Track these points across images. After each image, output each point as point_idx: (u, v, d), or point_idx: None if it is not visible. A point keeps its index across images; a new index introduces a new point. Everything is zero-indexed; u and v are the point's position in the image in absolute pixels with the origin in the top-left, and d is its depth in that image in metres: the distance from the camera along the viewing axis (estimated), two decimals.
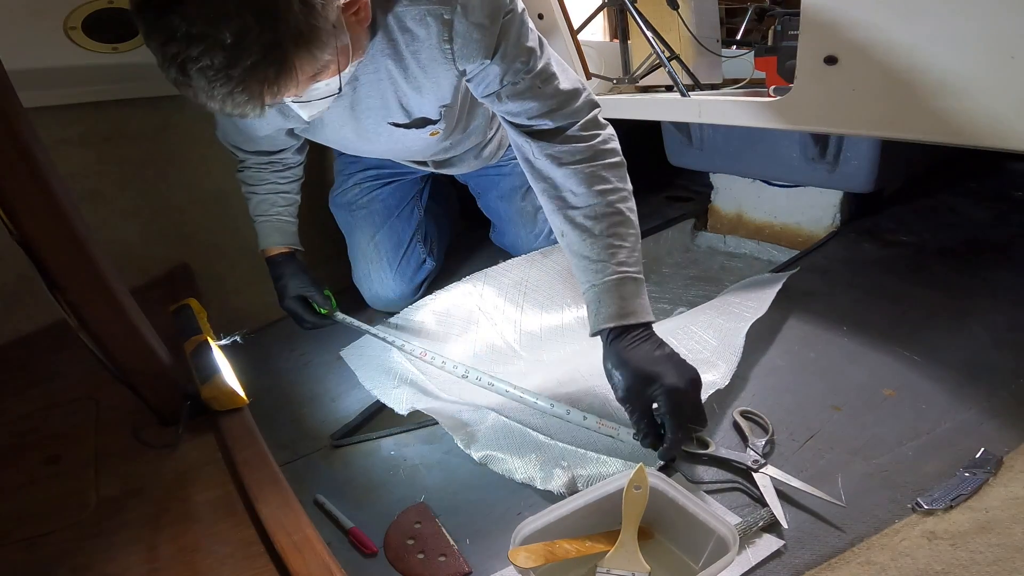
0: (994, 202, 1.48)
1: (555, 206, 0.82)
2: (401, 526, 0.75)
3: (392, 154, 1.20)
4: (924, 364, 0.93)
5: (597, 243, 0.78)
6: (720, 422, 0.86)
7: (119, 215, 1.27)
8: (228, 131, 1.08)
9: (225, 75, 0.58)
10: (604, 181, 0.80)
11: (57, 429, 0.86)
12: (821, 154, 1.29)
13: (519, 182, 1.34)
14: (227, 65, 0.58)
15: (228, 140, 1.10)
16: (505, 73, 0.82)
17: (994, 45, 0.76)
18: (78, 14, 1.10)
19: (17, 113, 0.64)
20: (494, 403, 0.93)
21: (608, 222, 0.79)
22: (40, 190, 0.66)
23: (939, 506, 0.67)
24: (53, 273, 0.69)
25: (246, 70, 0.59)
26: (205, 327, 1.01)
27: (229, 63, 0.58)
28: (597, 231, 0.78)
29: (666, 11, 1.45)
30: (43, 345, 1.10)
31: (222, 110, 0.62)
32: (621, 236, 0.79)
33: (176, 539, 0.65)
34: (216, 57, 0.57)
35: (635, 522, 0.65)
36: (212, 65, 0.57)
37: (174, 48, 0.57)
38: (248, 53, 0.58)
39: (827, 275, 1.24)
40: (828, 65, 0.92)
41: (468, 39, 0.79)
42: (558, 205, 0.81)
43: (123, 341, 0.76)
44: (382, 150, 1.14)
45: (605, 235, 0.78)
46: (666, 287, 1.43)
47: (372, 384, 1.01)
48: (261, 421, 0.85)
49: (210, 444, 0.80)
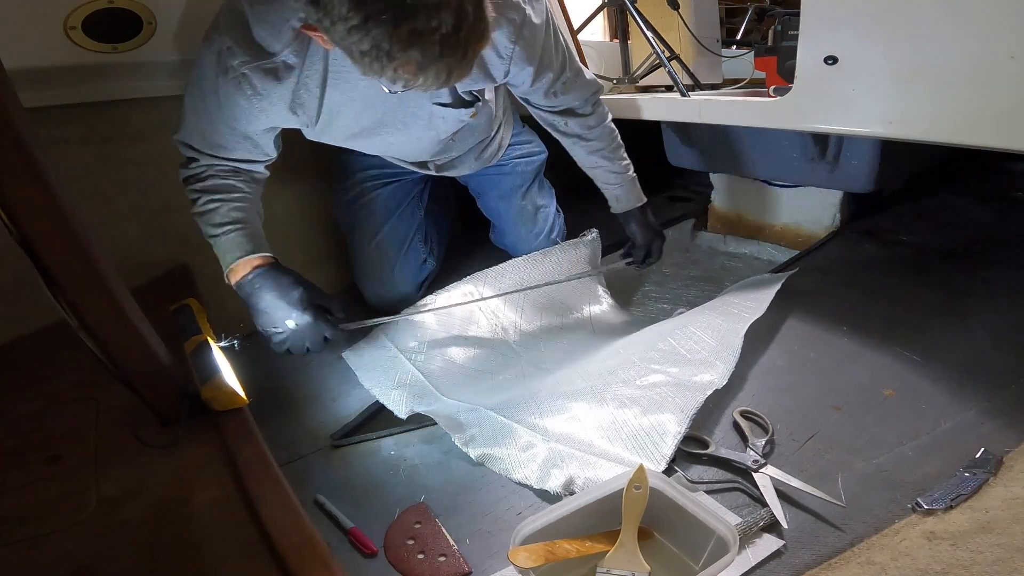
0: (994, 202, 1.48)
1: (586, 151, 1.18)
2: (401, 526, 0.75)
3: (406, 145, 1.13)
4: (924, 364, 0.93)
5: (616, 163, 1.20)
6: (720, 422, 0.86)
7: (119, 215, 1.27)
8: (204, 130, 0.92)
9: (455, 39, 0.64)
10: (612, 130, 1.20)
11: (57, 429, 0.86)
12: (821, 154, 1.29)
13: (519, 182, 1.34)
14: (456, 30, 0.63)
15: (192, 142, 0.94)
16: (555, 74, 1.04)
17: (994, 45, 0.76)
18: (78, 14, 1.10)
19: (17, 113, 0.64)
20: (492, 403, 0.93)
21: (621, 151, 1.21)
22: (40, 190, 0.66)
23: (939, 506, 0.67)
24: (53, 273, 0.69)
25: (468, 31, 0.65)
26: (205, 327, 1.01)
27: (457, 27, 0.63)
28: (616, 156, 1.20)
29: (666, 11, 1.45)
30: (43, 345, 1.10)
31: (435, 81, 0.68)
32: (625, 156, 1.21)
33: (176, 539, 0.65)
34: (447, 22, 0.63)
35: (635, 522, 0.65)
36: (444, 29, 0.63)
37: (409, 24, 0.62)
38: (467, 17, 0.64)
39: (827, 275, 1.24)
40: (828, 65, 0.92)
41: (531, 43, 0.95)
42: (589, 150, 1.18)
43: (123, 341, 0.76)
44: (400, 140, 1.08)
45: (620, 158, 1.20)
46: (666, 287, 1.43)
47: (372, 385, 1.01)
48: (261, 421, 0.85)
49: (210, 444, 0.80)
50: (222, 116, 0.90)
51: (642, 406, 0.85)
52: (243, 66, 0.85)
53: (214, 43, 0.85)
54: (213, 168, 0.94)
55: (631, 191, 1.22)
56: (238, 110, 0.89)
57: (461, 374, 1.03)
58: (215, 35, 0.85)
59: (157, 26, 1.21)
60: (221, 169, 0.95)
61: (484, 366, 1.05)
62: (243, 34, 0.84)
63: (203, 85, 0.89)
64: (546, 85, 1.05)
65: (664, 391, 0.87)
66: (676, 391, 0.86)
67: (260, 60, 0.85)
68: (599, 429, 0.84)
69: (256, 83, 0.86)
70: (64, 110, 1.18)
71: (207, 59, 0.87)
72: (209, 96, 0.89)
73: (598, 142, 1.17)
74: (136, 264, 1.28)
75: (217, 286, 1.01)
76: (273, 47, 0.84)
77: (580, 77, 1.10)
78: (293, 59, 0.86)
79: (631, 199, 1.22)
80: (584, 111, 1.14)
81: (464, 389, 0.99)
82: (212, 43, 0.86)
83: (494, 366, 1.05)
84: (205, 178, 0.94)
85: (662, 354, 0.97)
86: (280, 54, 0.85)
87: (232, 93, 0.87)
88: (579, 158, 1.21)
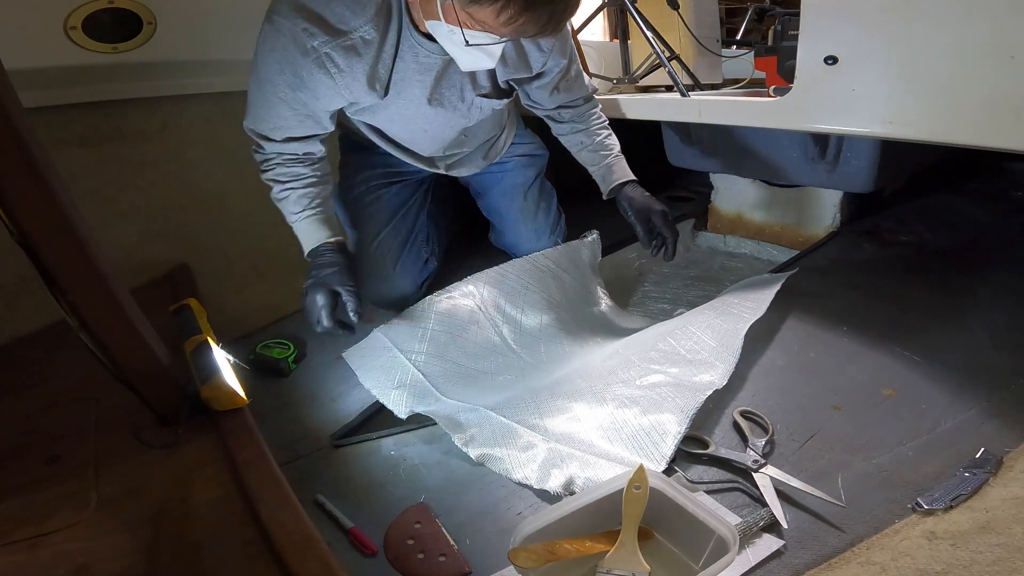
0: (994, 202, 1.48)
1: (576, 136, 1.23)
2: (401, 526, 0.75)
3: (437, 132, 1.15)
4: (924, 364, 0.93)
5: (604, 144, 1.23)
6: (720, 422, 0.86)
7: (119, 215, 1.27)
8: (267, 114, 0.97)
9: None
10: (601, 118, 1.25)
11: (57, 429, 0.86)
12: (821, 154, 1.29)
13: (520, 180, 1.35)
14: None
15: (258, 127, 1.00)
16: (567, 68, 1.11)
17: (994, 45, 0.76)
18: (78, 14, 1.11)
19: (17, 113, 0.64)
20: (492, 403, 0.93)
21: (607, 132, 1.24)
22: (40, 190, 0.66)
23: (939, 506, 0.67)
24: (53, 273, 0.69)
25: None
26: (205, 327, 1.01)
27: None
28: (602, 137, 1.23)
29: (666, 11, 1.45)
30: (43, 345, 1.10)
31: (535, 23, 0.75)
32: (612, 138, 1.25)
33: (176, 539, 0.65)
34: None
35: (635, 522, 0.65)
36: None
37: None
38: None
39: (827, 275, 1.24)
40: (828, 65, 0.92)
41: (563, 38, 1.05)
42: (580, 134, 1.23)
43: (123, 341, 0.76)
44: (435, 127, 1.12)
45: (607, 141, 1.23)
46: (666, 287, 1.43)
47: (372, 385, 1.01)
48: (261, 421, 0.85)
49: (210, 444, 0.80)
50: (295, 96, 0.94)
51: (642, 406, 0.85)
52: (324, 45, 0.88)
53: (283, 27, 0.87)
54: (280, 156, 1.03)
55: (617, 167, 1.22)
56: (321, 88, 0.93)
57: (461, 374, 1.03)
58: (282, 19, 0.87)
59: (157, 26, 1.21)
60: (287, 158, 1.03)
61: (484, 366, 1.05)
62: (313, 15, 0.87)
63: (270, 69, 0.92)
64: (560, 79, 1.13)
65: (664, 391, 0.87)
66: (676, 391, 0.86)
67: (339, 38, 0.88)
68: (599, 429, 0.84)
69: (339, 61, 0.90)
70: (64, 110, 1.19)
71: (280, 42, 0.89)
72: (277, 79, 0.92)
73: (587, 128, 1.23)
74: (136, 264, 1.28)
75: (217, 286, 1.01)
76: (351, 23, 0.88)
77: (581, 78, 1.18)
78: (372, 33, 0.90)
79: (618, 174, 1.21)
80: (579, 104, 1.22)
81: (464, 389, 0.99)
82: (280, 27, 0.88)
83: (494, 366, 1.05)
84: (274, 166, 1.04)
85: (662, 354, 0.97)
86: (358, 30, 0.89)
87: (315, 72, 0.91)
88: (570, 142, 1.25)
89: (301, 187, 1.04)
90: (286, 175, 1.03)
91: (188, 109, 1.36)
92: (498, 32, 0.78)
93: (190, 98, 1.36)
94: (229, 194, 1.41)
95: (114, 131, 1.26)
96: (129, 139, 1.28)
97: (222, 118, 1.41)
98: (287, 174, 1.03)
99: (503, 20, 0.74)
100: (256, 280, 1.39)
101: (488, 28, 0.78)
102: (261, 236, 1.43)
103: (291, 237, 1.48)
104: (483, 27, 0.78)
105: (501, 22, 0.75)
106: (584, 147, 1.24)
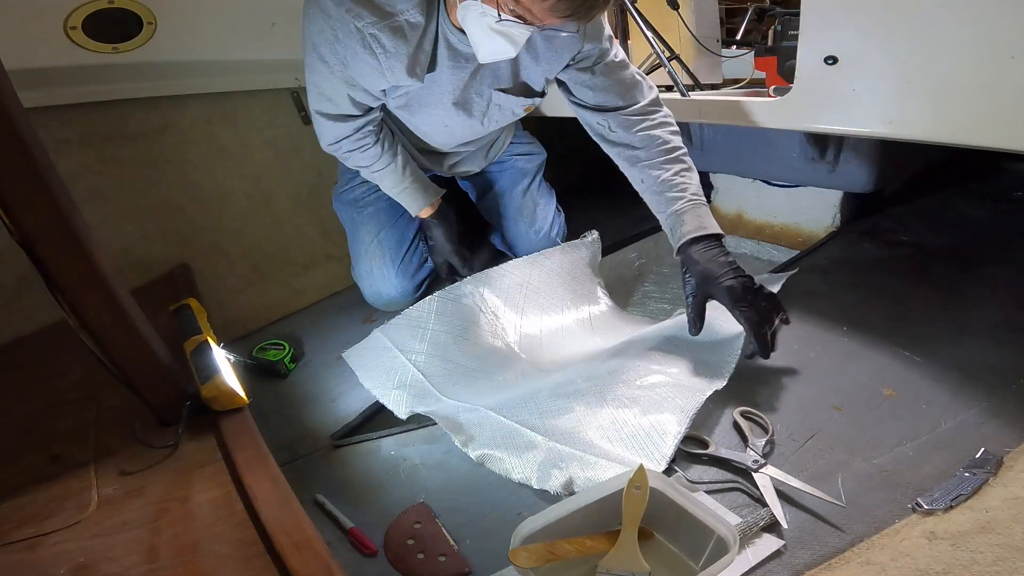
0: (994, 202, 1.48)
1: (635, 170, 1.02)
2: (401, 526, 0.75)
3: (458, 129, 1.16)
4: (924, 364, 0.93)
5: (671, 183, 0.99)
6: (720, 422, 0.86)
7: (119, 215, 1.27)
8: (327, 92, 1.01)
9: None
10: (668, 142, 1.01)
11: (57, 429, 0.86)
12: (821, 154, 1.29)
13: (519, 177, 1.35)
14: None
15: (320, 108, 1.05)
16: (604, 52, 1.02)
17: (994, 45, 0.76)
18: (78, 14, 1.11)
19: (17, 113, 0.64)
20: (492, 404, 0.93)
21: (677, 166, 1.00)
22: (40, 190, 0.66)
23: (939, 506, 0.66)
24: (53, 273, 0.69)
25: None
26: (205, 327, 1.01)
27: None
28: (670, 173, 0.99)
29: (666, 11, 1.45)
30: (43, 345, 1.10)
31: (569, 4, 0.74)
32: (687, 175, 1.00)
33: (176, 539, 0.65)
34: None
35: (635, 522, 0.65)
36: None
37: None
38: None
39: (827, 275, 1.24)
40: (828, 65, 0.92)
41: (597, 21, 0.98)
42: (633, 161, 1.02)
43: (123, 341, 0.76)
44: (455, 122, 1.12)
45: (675, 179, 0.99)
46: (666, 287, 1.43)
47: (372, 385, 1.01)
48: (261, 421, 0.85)
49: (210, 444, 0.80)
50: (346, 75, 0.96)
51: (642, 406, 0.85)
52: (372, 27, 0.89)
53: (329, 8, 0.88)
54: (349, 139, 1.09)
55: (689, 216, 0.95)
56: (366, 67, 0.94)
57: (461, 374, 1.03)
58: (328, 1, 0.88)
59: (157, 26, 1.21)
60: (352, 137, 1.09)
61: (484, 366, 1.05)
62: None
63: (321, 50, 0.93)
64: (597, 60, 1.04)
65: (664, 391, 0.87)
66: (676, 391, 0.86)
67: (386, 20, 0.89)
68: (599, 429, 0.84)
69: (385, 42, 0.91)
70: (64, 110, 1.19)
71: (328, 23, 0.90)
72: (329, 57, 0.93)
73: (644, 151, 1.01)
74: (136, 264, 1.28)
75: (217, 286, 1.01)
76: (396, 6, 0.89)
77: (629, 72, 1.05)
78: (417, 17, 0.90)
79: (689, 226, 0.94)
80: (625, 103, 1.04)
81: (464, 389, 0.99)
82: (326, 9, 0.88)
83: (494, 366, 1.05)
84: (349, 150, 1.11)
85: (662, 354, 0.97)
86: (404, 13, 0.89)
87: (360, 51, 0.91)
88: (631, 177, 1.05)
89: (383, 166, 1.14)
90: (367, 158, 1.12)
91: (188, 109, 1.36)
92: (533, 10, 0.77)
93: (190, 98, 1.36)
94: (229, 194, 1.42)
95: (114, 131, 1.26)
96: (129, 139, 1.28)
97: (222, 118, 1.41)
98: (369, 156, 1.12)
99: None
100: (256, 280, 1.40)
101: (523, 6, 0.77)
102: (261, 236, 1.44)
103: (291, 237, 1.48)
104: (518, 7, 0.77)
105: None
106: (646, 187, 1.01)
